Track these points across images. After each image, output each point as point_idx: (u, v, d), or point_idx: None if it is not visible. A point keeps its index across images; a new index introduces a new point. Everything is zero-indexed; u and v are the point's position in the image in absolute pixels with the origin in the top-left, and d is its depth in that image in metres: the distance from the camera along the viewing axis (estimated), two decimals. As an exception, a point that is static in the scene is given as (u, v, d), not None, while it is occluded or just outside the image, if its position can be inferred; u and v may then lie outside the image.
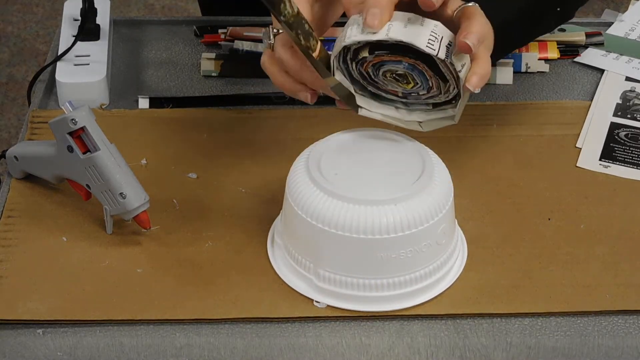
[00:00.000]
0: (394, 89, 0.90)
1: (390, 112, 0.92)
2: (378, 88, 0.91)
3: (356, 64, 0.89)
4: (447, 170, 0.91)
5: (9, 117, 2.51)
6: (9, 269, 0.93)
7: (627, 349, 0.88)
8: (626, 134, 1.10)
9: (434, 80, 0.87)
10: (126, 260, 0.94)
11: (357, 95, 0.92)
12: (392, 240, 0.87)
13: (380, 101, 0.92)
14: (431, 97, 0.90)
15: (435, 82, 0.87)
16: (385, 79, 0.89)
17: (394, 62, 0.87)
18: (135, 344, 0.88)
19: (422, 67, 0.87)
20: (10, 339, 0.88)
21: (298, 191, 0.89)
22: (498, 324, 0.89)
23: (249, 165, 1.05)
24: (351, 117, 1.10)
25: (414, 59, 0.87)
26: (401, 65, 0.87)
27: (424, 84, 0.88)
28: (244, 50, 1.22)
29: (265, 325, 0.89)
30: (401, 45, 0.86)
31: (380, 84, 0.90)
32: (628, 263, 0.95)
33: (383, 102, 0.92)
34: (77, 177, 0.95)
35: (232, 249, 0.96)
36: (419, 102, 0.91)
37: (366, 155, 0.91)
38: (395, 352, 0.88)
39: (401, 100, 0.91)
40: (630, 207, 1.01)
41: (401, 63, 0.87)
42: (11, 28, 2.80)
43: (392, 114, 0.92)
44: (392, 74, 0.89)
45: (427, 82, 0.88)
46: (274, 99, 1.16)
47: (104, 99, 1.14)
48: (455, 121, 0.90)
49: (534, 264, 0.95)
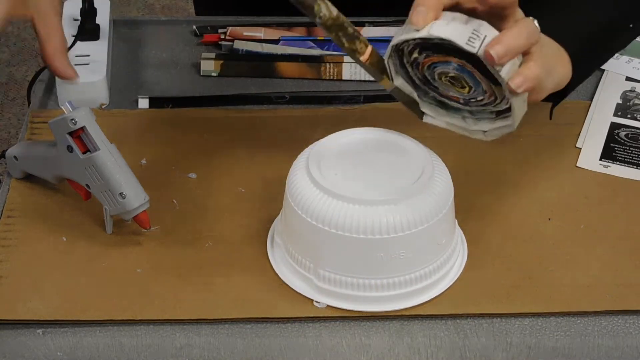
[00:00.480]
0: (454, 94, 0.88)
1: (455, 121, 0.90)
2: (441, 94, 0.90)
3: (412, 66, 0.88)
4: (447, 170, 0.91)
5: (8, 117, 2.51)
6: (9, 269, 0.93)
7: (627, 349, 0.88)
8: (626, 134, 1.10)
9: (485, 83, 0.85)
10: (126, 260, 0.94)
11: (423, 102, 0.90)
12: (392, 240, 0.87)
13: (447, 110, 0.90)
14: (490, 103, 0.88)
15: (487, 86, 0.85)
16: (442, 83, 0.88)
17: (443, 64, 0.86)
18: (135, 344, 0.88)
19: (470, 68, 0.85)
20: (10, 339, 0.88)
21: (298, 191, 0.89)
22: (498, 324, 0.89)
23: (249, 165, 1.05)
24: (351, 117, 1.11)
25: (460, 59, 0.85)
26: (450, 66, 0.86)
27: (478, 88, 0.86)
28: (244, 50, 1.22)
29: (265, 325, 0.89)
30: (447, 46, 0.84)
31: (441, 90, 0.89)
32: (628, 263, 0.95)
33: (450, 111, 0.90)
34: (77, 177, 0.95)
35: (232, 249, 0.96)
36: (484, 111, 0.89)
37: (366, 155, 0.91)
38: (395, 352, 0.88)
39: (467, 109, 0.90)
40: (630, 207, 1.01)
41: (450, 64, 0.86)
42: (11, 28, 2.79)
43: (457, 123, 0.90)
44: (447, 77, 0.87)
45: (480, 85, 0.86)
46: (274, 99, 1.16)
47: (104, 99, 1.14)
48: (513, 128, 0.87)
49: (534, 264, 0.94)
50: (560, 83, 0.94)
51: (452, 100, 0.89)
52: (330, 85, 1.18)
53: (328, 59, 1.19)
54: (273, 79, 1.20)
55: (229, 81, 1.19)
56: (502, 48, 0.82)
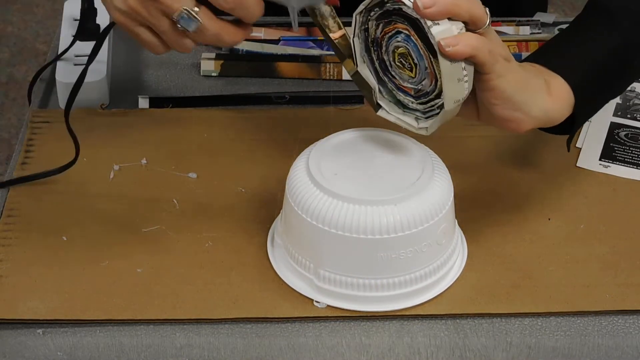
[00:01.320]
0: (407, 85, 0.88)
1: (407, 119, 0.90)
2: (397, 87, 0.90)
3: (374, 47, 0.89)
4: (447, 170, 0.91)
5: (9, 117, 2.51)
6: (9, 268, 0.93)
7: (627, 349, 0.88)
8: (626, 134, 1.10)
9: (427, 57, 0.85)
10: (126, 260, 0.94)
11: (383, 98, 0.90)
12: (392, 240, 0.87)
13: (403, 109, 0.91)
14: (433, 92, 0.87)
15: (429, 62, 0.85)
16: (397, 68, 0.88)
17: (394, 36, 0.86)
18: (135, 344, 0.88)
19: (414, 36, 0.85)
20: (10, 339, 0.88)
21: (298, 191, 0.89)
22: (498, 324, 0.89)
23: (249, 165, 1.05)
24: (351, 117, 1.11)
25: (407, 26, 0.85)
26: (399, 37, 0.86)
27: (421, 62, 0.86)
28: (244, 50, 1.22)
29: (265, 325, 0.89)
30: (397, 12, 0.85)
31: (397, 80, 0.89)
32: (628, 263, 0.95)
33: (405, 111, 0.90)
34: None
35: (232, 249, 0.96)
36: (432, 110, 0.88)
37: (366, 156, 0.91)
38: (395, 352, 0.88)
39: (420, 110, 0.89)
40: (630, 207, 1.01)
41: (399, 34, 0.86)
42: (11, 28, 2.80)
43: (408, 121, 0.90)
44: (399, 56, 0.87)
45: (422, 59, 0.85)
46: (274, 99, 1.16)
47: (104, 99, 1.14)
48: (445, 107, 0.85)
49: (534, 264, 0.95)
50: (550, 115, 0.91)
51: (407, 94, 0.89)
52: (330, 85, 1.18)
53: (328, 59, 1.19)
54: (273, 79, 1.20)
55: (229, 81, 1.19)
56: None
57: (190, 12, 0.87)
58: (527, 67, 0.91)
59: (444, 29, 0.82)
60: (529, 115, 0.88)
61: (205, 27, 0.88)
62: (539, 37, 1.23)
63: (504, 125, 0.89)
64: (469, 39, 0.83)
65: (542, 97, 0.90)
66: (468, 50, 0.82)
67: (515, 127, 0.89)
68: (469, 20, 0.83)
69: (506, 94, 0.86)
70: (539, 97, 0.89)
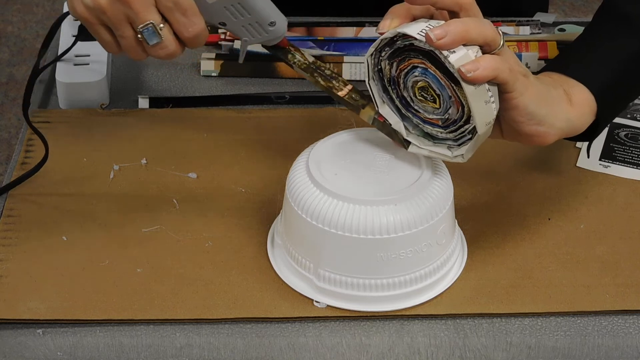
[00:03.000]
0: (433, 117, 0.88)
1: (440, 150, 0.89)
2: (424, 121, 0.89)
3: (391, 86, 0.88)
4: (447, 170, 0.91)
5: (9, 117, 2.51)
6: (9, 268, 0.93)
7: (627, 349, 0.88)
8: (626, 134, 1.10)
9: (448, 86, 0.84)
10: (126, 260, 0.94)
11: (410, 133, 0.90)
12: (392, 240, 0.87)
13: (433, 140, 0.89)
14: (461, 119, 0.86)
15: (452, 90, 0.85)
16: (419, 102, 0.87)
17: (411, 71, 0.86)
18: (135, 344, 0.88)
19: (433, 70, 0.84)
20: (10, 339, 0.88)
21: (298, 191, 0.89)
22: (498, 324, 0.89)
23: (249, 165, 1.05)
24: (351, 117, 1.11)
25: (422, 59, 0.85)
26: (416, 72, 0.85)
27: (444, 92, 0.85)
28: (244, 50, 1.22)
29: (265, 325, 0.89)
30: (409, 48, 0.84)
31: (422, 114, 0.88)
32: (628, 263, 0.95)
33: (436, 142, 0.89)
34: (209, 17, 0.91)
35: (232, 249, 0.96)
36: (463, 136, 0.87)
37: (366, 156, 0.91)
38: (395, 352, 0.88)
39: (451, 138, 0.88)
40: (630, 207, 1.01)
41: (416, 69, 0.85)
42: (11, 28, 2.80)
43: (441, 151, 0.89)
44: (419, 90, 0.87)
45: (445, 89, 0.85)
46: (274, 99, 1.16)
47: (104, 99, 1.14)
48: (479, 134, 0.85)
49: (534, 264, 0.95)
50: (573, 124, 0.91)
51: (434, 125, 0.88)
52: (330, 85, 1.18)
53: (328, 59, 1.19)
54: (273, 79, 1.20)
55: (229, 81, 1.19)
56: (440, 29, 0.82)
57: (156, 27, 0.89)
58: (544, 79, 0.91)
59: (460, 55, 0.82)
60: (553, 127, 0.89)
61: (165, 45, 0.90)
62: (539, 37, 1.23)
63: (529, 141, 0.89)
64: (488, 61, 0.83)
65: (564, 108, 0.90)
66: (489, 72, 0.82)
67: (541, 141, 0.89)
68: (483, 43, 0.84)
69: (529, 109, 0.86)
70: (561, 108, 0.90)
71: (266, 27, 0.92)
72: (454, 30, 0.82)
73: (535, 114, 0.87)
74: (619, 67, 0.94)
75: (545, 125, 0.88)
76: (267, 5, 0.92)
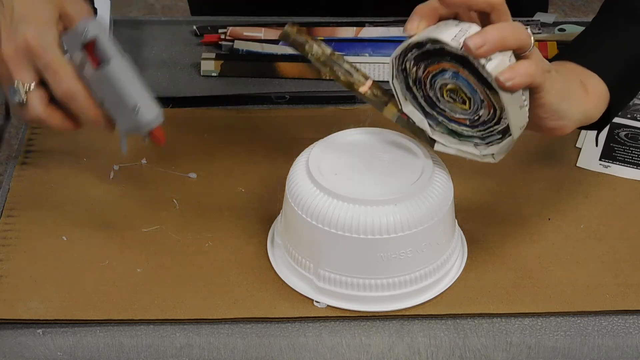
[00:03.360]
0: (460, 116, 0.87)
1: (467, 148, 0.89)
2: (450, 119, 0.89)
3: (416, 86, 0.88)
4: (447, 170, 0.91)
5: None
6: (9, 268, 0.93)
7: (627, 349, 0.88)
8: (626, 134, 1.10)
9: (481, 90, 0.84)
10: (126, 260, 0.94)
11: (435, 131, 0.90)
12: (392, 240, 0.87)
13: (459, 138, 0.90)
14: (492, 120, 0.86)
15: (484, 94, 0.84)
16: (446, 102, 0.87)
17: (440, 74, 0.85)
18: (135, 344, 0.88)
19: (465, 74, 0.84)
20: (10, 339, 0.88)
21: (298, 191, 0.89)
22: (498, 324, 0.89)
23: (249, 165, 1.05)
24: (351, 117, 1.11)
25: (454, 64, 0.84)
26: (446, 74, 0.85)
27: (475, 96, 0.85)
28: (244, 50, 1.22)
29: (265, 325, 0.89)
30: (439, 51, 0.83)
31: (448, 113, 0.88)
32: (628, 263, 0.95)
33: (462, 139, 0.89)
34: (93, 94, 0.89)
35: (232, 249, 0.96)
36: (492, 135, 0.88)
37: (366, 155, 0.91)
38: (395, 352, 0.88)
39: (478, 136, 0.88)
40: (630, 207, 1.01)
41: (446, 72, 0.85)
42: (11, 28, 2.79)
43: (469, 150, 0.89)
44: (447, 92, 0.86)
45: (476, 93, 0.84)
46: (274, 99, 1.16)
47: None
48: (514, 139, 0.85)
49: (534, 264, 0.95)
50: (589, 115, 0.92)
51: (461, 124, 0.88)
52: (330, 85, 1.18)
53: (328, 59, 1.19)
54: (273, 79, 1.20)
55: (229, 81, 1.19)
56: (479, 38, 0.81)
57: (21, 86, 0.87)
58: (561, 70, 0.91)
59: (497, 63, 0.81)
60: (572, 120, 0.90)
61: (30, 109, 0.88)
62: (539, 37, 1.23)
63: (549, 134, 0.90)
64: (525, 68, 0.82)
65: (582, 100, 0.91)
66: (526, 79, 0.82)
67: (560, 133, 0.90)
68: (517, 48, 0.83)
69: (554, 106, 0.87)
70: (579, 101, 0.90)
71: (129, 113, 0.87)
72: (492, 38, 0.81)
73: (558, 110, 0.88)
74: (632, 60, 0.96)
75: (565, 119, 0.89)
76: (134, 88, 0.88)
